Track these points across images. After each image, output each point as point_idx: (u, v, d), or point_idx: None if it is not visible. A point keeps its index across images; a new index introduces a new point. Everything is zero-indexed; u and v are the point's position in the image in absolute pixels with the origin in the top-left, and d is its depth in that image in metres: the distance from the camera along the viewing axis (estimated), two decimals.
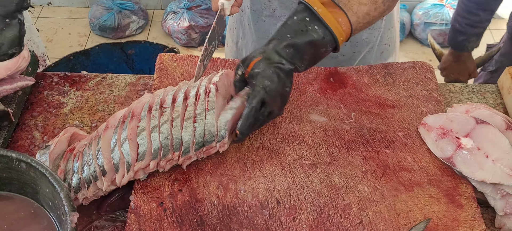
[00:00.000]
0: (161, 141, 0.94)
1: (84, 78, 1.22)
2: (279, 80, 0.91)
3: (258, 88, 0.89)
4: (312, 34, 0.93)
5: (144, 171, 0.96)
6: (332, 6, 0.95)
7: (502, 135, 0.99)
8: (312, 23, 0.93)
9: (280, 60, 0.92)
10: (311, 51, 0.94)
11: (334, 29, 0.93)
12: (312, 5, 0.93)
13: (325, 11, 0.93)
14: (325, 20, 0.93)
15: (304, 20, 0.93)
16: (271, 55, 0.92)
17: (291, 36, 0.93)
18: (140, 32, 3.18)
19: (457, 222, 0.94)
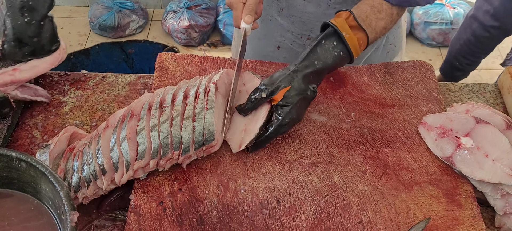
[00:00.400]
0: (160, 140, 0.94)
1: (84, 78, 1.22)
2: (303, 108, 1.00)
3: (285, 121, 0.98)
4: (336, 59, 1.02)
5: (143, 170, 0.96)
6: (357, 29, 1.03)
7: (502, 135, 0.99)
8: (337, 48, 1.02)
9: (306, 89, 0.99)
10: (330, 70, 1.04)
11: (354, 51, 1.02)
12: (342, 30, 1.01)
13: (351, 36, 1.02)
14: (350, 45, 1.01)
15: (331, 45, 1.02)
16: (299, 85, 0.98)
17: (318, 63, 1.01)
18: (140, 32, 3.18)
19: (456, 222, 0.94)
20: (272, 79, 1.00)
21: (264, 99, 0.99)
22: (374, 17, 1.04)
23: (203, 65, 1.20)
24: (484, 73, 2.93)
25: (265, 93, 0.99)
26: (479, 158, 0.98)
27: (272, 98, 0.99)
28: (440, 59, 3.01)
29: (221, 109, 1.02)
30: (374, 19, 1.04)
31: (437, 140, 1.03)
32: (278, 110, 0.98)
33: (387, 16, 1.05)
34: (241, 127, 1.03)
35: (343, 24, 1.01)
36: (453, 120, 1.04)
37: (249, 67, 1.20)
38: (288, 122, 0.98)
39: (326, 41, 1.02)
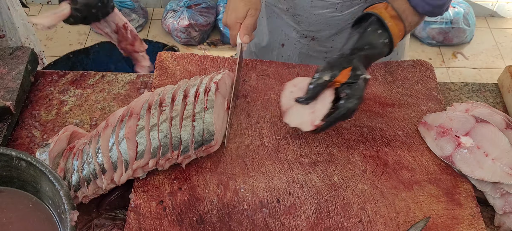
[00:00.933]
0: (160, 139, 0.94)
1: (83, 77, 1.22)
2: (363, 90, 0.99)
3: (354, 99, 0.97)
4: (381, 47, 1.03)
5: (143, 170, 0.96)
6: (398, 19, 1.04)
7: (502, 134, 0.99)
8: (382, 36, 1.03)
9: (363, 71, 0.99)
10: (376, 59, 1.05)
11: (395, 40, 1.04)
12: (384, 19, 1.02)
13: (393, 25, 1.03)
14: (392, 34, 1.02)
15: (376, 32, 1.03)
16: (358, 66, 0.98)
17: (367, 48, 1.02)
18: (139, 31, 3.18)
19: (456, 221, 0.94)
20: (330, 63, 0.99)
21: (327, 81, 0.98)
22: (410, 12, 1.05)
23: (203, 65, 1.20)
24: (484, 72, 2.93)
25: (328, 76, 0.98)
26: (479, 157, 0.98)
27: (335, 81, 0.98)
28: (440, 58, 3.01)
29: (221, 110, 1.02)
30: (410, 14, 1.05)
31: (437, 139, 1.03)
32: (346, 89, 0.98)
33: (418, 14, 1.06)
34: (308, 111, 1.00)
35: (384, 12, 1.03)
36: (453, 119, 1.04)
37: (249, 66, 1.20)
38: (357, 99, 0.97)
39: (371, 28, 1.03)
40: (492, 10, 3.24)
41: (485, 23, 3.23)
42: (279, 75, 1.18)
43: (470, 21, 2.99)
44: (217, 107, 1.00)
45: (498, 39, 3.12)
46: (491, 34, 3.16)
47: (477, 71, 2.94)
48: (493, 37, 3.14)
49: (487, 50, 3.06)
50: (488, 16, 3.26)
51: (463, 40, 3.03)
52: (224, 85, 1.05)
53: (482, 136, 1.00)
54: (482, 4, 3.21)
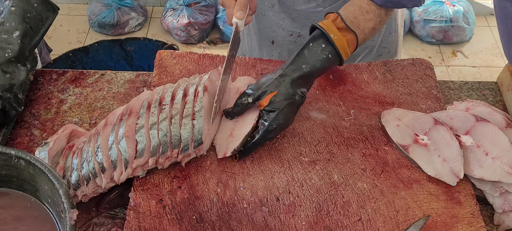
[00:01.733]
0: (160, 138, 0.94)
1: (83, 75, 1.22)
2: (290, 115, 0.99)
3: (272, 127, 0.96)
4: (324, 62, 1.00)
5: (142, 168, 0.96)
6: (346, 30, 1.01)
7: (502, 133, 0.99)
8: (326, 51, 1.00)
9: (293, 94, 0.97)
10: (319, 74, 1.02)
11: (344, 53, 1.01)
12: (329, 32, 0.99)
13: (340, 38, 1.00)
14: (338, 48, 0.99)
15: (319, 47, 1.00)
16: (286, 90, 0.97)
17: (305, 66, 0.99)
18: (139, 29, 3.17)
19: (456, 219, 0.94)
20: (259, 84, 0.99)
21: (250, 104, 0.99)
22: (363, 18, 1.02)
23: (203, 63, 1.20)
24: (483, 71, 2.93)
25: (251, 98, 0.98)
26: (479, 156, 0.98)
27: (259, 104, 0.98)
28: (439, 56, 3.01)
29: (210, 111, 1.01)
30: (363, 20, 1.03)
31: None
32: (264, 116, 0.97)
33: (375, 17, 1.04)
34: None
35: (331, 26, 1.00)
36: (453, 118, 1.04)
37: (248, 65, 1.20)
38: (275, 127, 0.96)
39: (314, 44, 1.00)
40: (492, 9, 3.23)
41: (485, 22, 3.22)
42: None
43: (470, 19, 2.99)
44: (206, 109, 0.99)
45: (497, 38, 3.12)
46: (490, 32, 3.16)
47: (477, 69, 2.94)
48: (493, 36, 3.14)
49: (486, 48, 3.06)
50: (487, 15, 3.26)
51: (462, 38, 3.03)
52: (213, 85, 1.04)
53: (482, 134, 1.00)
54: (482, 3, 3.21)
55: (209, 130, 0.99)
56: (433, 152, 1.01)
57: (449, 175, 0.98)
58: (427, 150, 1.01)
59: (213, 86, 1.03)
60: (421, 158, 1.01)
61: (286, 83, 0.97)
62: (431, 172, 0.99)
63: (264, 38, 1.39)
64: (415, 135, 1.04)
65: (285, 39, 1.33)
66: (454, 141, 1.00)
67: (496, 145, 0.98)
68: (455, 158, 0.99)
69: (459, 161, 0.98)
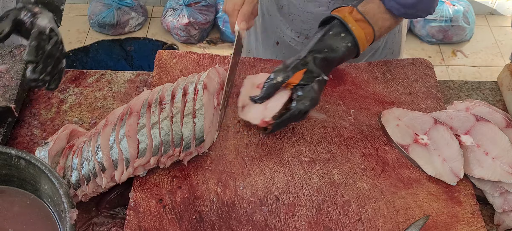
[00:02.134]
0: (161, 137, 0.94)
1: (83, 75, 1.22)
2: (319, 92, 1.00)
3: (307, 101, 0.98)
4: (344, 50, 1.02)
5: (144, 168, 0.96)
6: (364, 22, 1.03)
7: (502, 133, 0.99)
8: (346, 39, 1.02)
9: (319, 73, 0.99)
10: (338, 62, 1.05)
11: (361, 44, 1.03)
12: (348, 22, 1.02)
13: (358, 29, 1.02)
14: (357, 38, 1.02)
15: (339, 36, 1.02)
16: (313, 68, 0.99)
17: (327, 51, 1.01)
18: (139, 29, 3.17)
19: (456, 219, 0.94)
20: (286, 65, 1.00)
21: (280, 83, 0.99)
22: (381, 17, 1.05)
23: (203, 63, 1.20)
24: (483, 70, 2.93)
25: (281, 77, 0.99)
26: (479, 156, 0.98)
27: (288, 83, 0.99)
28: (439, 56, 3.01)
29: (210, 108, 1.01)
30: (381, 19, 1.05)
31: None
32: (298, 91, 0.98)
33: (391, 18, 1.06)
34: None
35: (348, 16, 1.02)
36: (453, 118, 1.04)
37: (248, 64, 1.20)
38: (310, 99, 0.98)
39: (333, 32, 1.02)
40: (492, 8, 3.23)
41: (485, 21, 3.22)
42: None
43: (470, 19, 2.99)
44: (206, 107, 0.99)
45: (497, 37, 3.12)
46: (490, 32, 3.16)
47: (477, 69, 2.94)
48: (493, 35, 3.13)
49: (486, 48, 3.06)
50: (487, 14, 3.26)
51: (462, 38, 3.03)
52: (212, 82, 1.04)
53: (482, 134, 1.00)
54: (482, 2, 3.21)
55: (210, 127, 0.99)
56: (433, 152, 1.01)
57: (449, 175, 0.98)
58: (427, 150, 1.01)
59: (212, 84, 1.04)
60: (421, 157, 1.01)
61: (311, 62, 0.99)
62: (431, 171, 0.99)
63: (269, 39, 1.39)
64: (415, 135, 1.04)
65: (292, 39, 1.34)
66: (454, 140, 1.00)
67: (496, 144, 0.98)
68: (455, 158, 0.99)
69: (459, 160, 0.98)
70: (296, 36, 1.32)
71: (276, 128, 1.00)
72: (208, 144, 1.00)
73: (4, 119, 1.05)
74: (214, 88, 1.04)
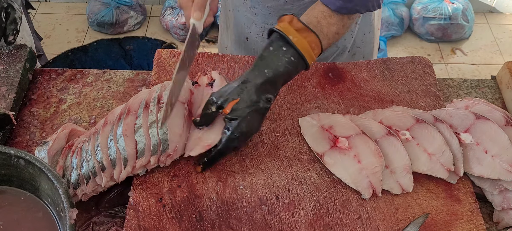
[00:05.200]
0: (160, 136, 0.94)
1: (82, 74, 1.22)
2: (254, 122, 0.95)
3: (235, 136, 0.94)
4: (287, 65, 0.95)
5: (145, 167, 0.96)
6: (306, 31, 0.96)
7: (502, 131, 0.99)
8: (288, 53, 0.95)
9: (257, 101, 0.93)
10: (285, 79, 0.97)
11: (307, 55, 0.96)
12: (287, 34, 0.94)
13: (300, 39, 0.95)
14: (299, 49, 0.94)
15: (280, 50, 0.95)
16: (249, 97, 0.93)
17: (268, 71, 0.94)
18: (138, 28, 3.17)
19: (455, 217, 0.94)
20: (221, 92, 0.96)
21: (214, 113, 0.96)
22: (326, 23, 0.98)
23: (202, 62, 1.19)
24: (482, 68, 2.93)
25: (214, 107, 0.95)
26: (478, 154, 0.98)
27: (222, 112, 0.95)
28: (438, 54, 3.01)
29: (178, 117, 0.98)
30: (326, 25, 0.98)
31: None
32: (227, 124, 0.94)
33: (338, 21, 0.99)
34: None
35: (288, 27, 0.95)
36: (453, 116, 1.04)
37: (247, 64, 1.20)
38: (238, 136, 0.93)
39: (273, 47, 0.95)
40: (491, 6, 3.24)
41: (484, 19, 3.22)
42: None
43: (469, 17, 2.99)
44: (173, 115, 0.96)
45: (497, 35, 3.13)
46: (489, 30, 3.16)
47: (476, 67, 2.94)
48: (492, 33, 3.14)
49: (485, 46, 3.06)
50: (487, 12, 3.26)
51: (462, 36, 3.03)
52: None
53: (481, 132, 1.00)
54: (481, 0, 3.21)
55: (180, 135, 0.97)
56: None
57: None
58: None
59: None
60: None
61: (248, 90, 0.93)
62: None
63: (239, 35, 1.39)
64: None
65: (258, 35, 1.33)
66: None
67: (495, 142, 0.98)
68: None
69: (459, 158, 0.98)
70: (261, 33, 1.31)
71: (207, 166, 0.97)
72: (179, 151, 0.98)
73: (2, 126, 1.05)
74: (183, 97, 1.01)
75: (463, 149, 0.99)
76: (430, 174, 0.97)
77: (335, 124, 1.04)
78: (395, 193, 0.96)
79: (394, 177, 0.97)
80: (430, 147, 0.99)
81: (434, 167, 0.97)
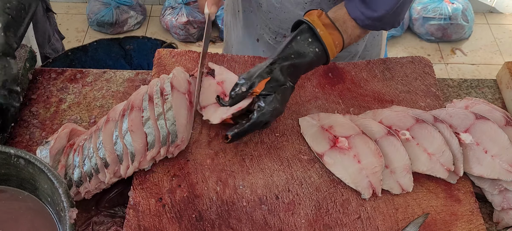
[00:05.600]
0: (168, 127, 0.95)
1: (82, 74, 1.22)
2: (284, 100, 0.99)
3: (268, 110, 0.96)
4: (311, 55, 1.00)
5: (154, 159, 0.97)
6: (332, 28, 1.01)
7: (502, 131, 0.99)
8: (313, 44, 1.00)
9: (285, 81, 0.98)
10: (306, 68, 1.03)
11: (330, 51, 1.01)
12: (316, 27, 0.99)
13: (326, 34, 1.00)
14: (325, 43, 1.00)
15: (306, 41, 1.00)
16: (278, 76, 0.97)
17: (294, 57, 0.99)
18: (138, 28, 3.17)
19: (455, 217, 0.94)
20: (251, 73, 0.99)
21: (245, 93, 0.98)
22: (351, 25, 1.03)
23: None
24: (482, 68, 2.93)
25: (245, 87, 0.98)
26: (478, 154, 0.98)
27: (252, 92, 0.98)
28: (438, 54, 3.01)
29: (182, 108, 1.00)
30: (351, 27, 1.03)
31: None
32: (260, 100, 0.97)
33: (363, 31, 1.05)
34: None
35: (317, 20, 1.00)
36: (453, 116, 1.04)
37: (247, 63, 1.20)
38: (271, 111, 0.96)
39: (301, 37, 1.00)
40: (491, 6, 3.24)
41: (484, 19, 3.22)
42: None
43: (469, 17, 2.99)
44: (177, 106, 0.98)
45: (496, 35, 3.13)
46: (489, 30, 3.16)
47: (476, 67, 2.94)
48: (492, 33, 3.14)
49: (485, 46, 3.06)
50: (486, 12, 3.26)
51: (461, 36, 3.03)
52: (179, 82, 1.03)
53: (481, 132, 1.00)
54: (481, 0, 3.21)
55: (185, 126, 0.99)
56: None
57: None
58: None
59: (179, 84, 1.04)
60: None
61: (277, 70, 0.97)
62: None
63: (250, 35, 1.39)
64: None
65: (271, 37, 1.34)
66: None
67: (495, 142, 0.98)
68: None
69: (459, 158, 0.98)
70: (274, 36, 1.33)
71: (235, 138, 0.98)
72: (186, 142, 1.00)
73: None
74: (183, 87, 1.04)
75: (463, 149, 0.99)
76: (430, 174, 0.97)
77: (335, 123, 1.04)
78: (395, 193, 0.96)
79: (394, 177, 0.97)
80: (430, 147, 0.99)
81: (434, 167, 0.97)
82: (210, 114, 1.02)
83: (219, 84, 1.07)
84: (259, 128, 0.99)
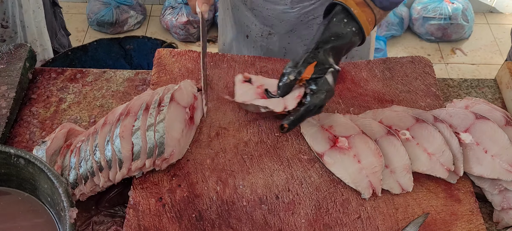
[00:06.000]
0: (156, 139, 0.93)
1: (82, 74, 1.22)
2: (334, 82, 0.98)
3: (321, 94, 0.96)
4: (350, 36, 1.00)
5: (141, 170, 0.96)
6: (363, 6, 1.01)
7: (502, 131, 0.99)
8: (349, 24, 1.00)
9: (331, 64, 0.98)
10: (347, 49, 1.02)
11: (365, 28, 1.01)
12: (350, 6, 0.99)
13: (359, 12, 1.00)
14: (360, 21, 1.00)
15: (342, 22, 1.00)
16: (323, 59, 0.97)
17: (334, 39, 0.99)
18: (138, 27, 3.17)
19: (455, 216, 0.94)
20: (296, 60, 0.99)
21: (293, 81, 0.98)
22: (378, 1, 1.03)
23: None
24: (482, 68, 2.93)
25: (293, 75, 0.98)
26: (478, 154, 0.98)
27: (301, 78, 0.98)
28: (438, 54, 3.01)
29: (177, 121, 0.99)
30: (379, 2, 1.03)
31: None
32: (312, 85, 0.97)
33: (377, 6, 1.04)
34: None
35: (349, 0, 1.00)
36: (453, 116, 1.04)
37: (247, 63, 1.20)
38: (325, 92, 0.96)
39: (336, 19, 1.00)
40: (491, 6, 3.23)
41: (484, 19, 3.22)
42: (279, 72, 1.18)
43: (469, 17, 2.99)
44: (171, 119, 0.97)
45: (496, 35, 3.12)
46: (489, 30, 3.16)
47: (476, 67, 2.94)
48: (492, 33, 3.13)
49: (485, 46, 3.06)
50: (486, 12, 3.26)
51: (461, 36, 3.03)
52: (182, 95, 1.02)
53: (481, 132, 1.00)
54: (481, 0, 3.21)
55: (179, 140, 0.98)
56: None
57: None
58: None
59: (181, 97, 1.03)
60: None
61: (321, 54, 0.97)
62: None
63: (240, 32, 1.40)
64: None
65: (258, 35, 1.34)
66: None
67: (495, 142, 0.98)
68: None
69: (459, 158, 0.98)
70: (260, 33, 1.33)
71: (292, 125, 0.97)
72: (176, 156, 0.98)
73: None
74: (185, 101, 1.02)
75: (463, 148, 0.99)
76: (430, 173, 0.97)
77: (335, 123, 1.04)
78: (395, 193, 0.96)
79: (394, 177, 0.97)
80: (430, 147, 0.99)
81: (434, 166, 0.97)
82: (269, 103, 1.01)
83: (259, 88, 1.06)
84: (313, 112, 0.98)
